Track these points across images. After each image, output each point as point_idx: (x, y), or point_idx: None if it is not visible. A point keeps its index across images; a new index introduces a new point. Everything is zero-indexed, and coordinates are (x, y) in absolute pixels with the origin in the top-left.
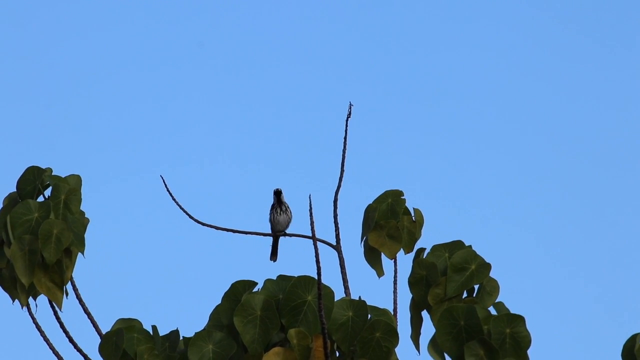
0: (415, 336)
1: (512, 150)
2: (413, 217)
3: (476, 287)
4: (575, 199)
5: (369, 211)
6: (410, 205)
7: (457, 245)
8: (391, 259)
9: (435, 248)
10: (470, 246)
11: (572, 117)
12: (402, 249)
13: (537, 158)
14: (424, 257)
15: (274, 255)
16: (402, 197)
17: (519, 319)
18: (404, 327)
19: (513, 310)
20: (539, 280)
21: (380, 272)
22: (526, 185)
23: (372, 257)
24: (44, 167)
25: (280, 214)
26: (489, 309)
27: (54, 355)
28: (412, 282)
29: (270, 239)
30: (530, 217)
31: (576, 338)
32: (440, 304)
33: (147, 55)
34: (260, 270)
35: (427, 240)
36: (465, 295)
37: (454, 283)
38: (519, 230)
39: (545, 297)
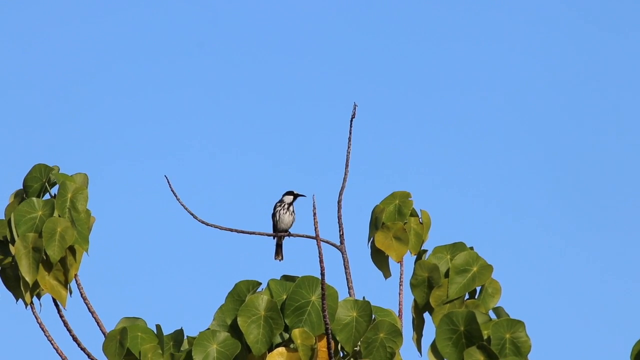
0: (417, 338)
1: (515, 152)
2: (420, 219)
3: (478, 289)
4: (582, 199)
5: (376, 212)
6: (417, 207)
7: (459, 247)
8: (398, 262)
9: (437, 250)
10: (472, 248)
11: (579, 119)
12: (409, 251)
13: (540, 160)
14: (426, 258)
15: (278, 254)
16: (410, 199)
17: (519, 324)
18: (408, 328)
19: (516, 312)
20: (544, 282)
21: (387, 274)
22: (534, 186)
23: (379, 258)
24: (51, 164)
25: (286, 212)
26: (489, 313)
27: (57, 354)
28: (414, 284)
29: (273, 238)
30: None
31: (584, 341)
32: (442, 306)
33: (151, 55)
34: (264, 270)
35: (434, 243)
36: (467, 297)
37: (456, 285)
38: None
39: (549, 299)
